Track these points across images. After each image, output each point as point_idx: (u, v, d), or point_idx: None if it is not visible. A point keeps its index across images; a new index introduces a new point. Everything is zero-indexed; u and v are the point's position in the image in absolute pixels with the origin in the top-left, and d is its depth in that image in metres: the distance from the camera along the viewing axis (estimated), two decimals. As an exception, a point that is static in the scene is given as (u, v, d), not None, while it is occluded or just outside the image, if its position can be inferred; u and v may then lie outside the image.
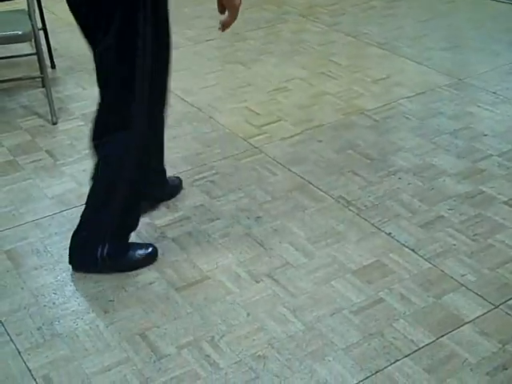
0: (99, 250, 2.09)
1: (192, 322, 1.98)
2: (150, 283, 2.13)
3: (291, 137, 2.93)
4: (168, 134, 2.93)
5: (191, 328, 1.96)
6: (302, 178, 2.64)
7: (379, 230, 2.35)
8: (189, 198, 2.54)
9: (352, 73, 3.53)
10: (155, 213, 2.46)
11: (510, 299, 2.04)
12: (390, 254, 2.23)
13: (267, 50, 3.79)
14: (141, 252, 2.21)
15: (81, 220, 2.13)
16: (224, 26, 1.95)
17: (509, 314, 1.98)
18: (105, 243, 2.09)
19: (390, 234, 2.33)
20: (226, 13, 1.94)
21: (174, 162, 2.75)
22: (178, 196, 2.55)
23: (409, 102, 3.20)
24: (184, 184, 2.62)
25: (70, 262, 2.16)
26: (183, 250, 2.28)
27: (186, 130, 3.00)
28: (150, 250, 2.22)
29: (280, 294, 2.08)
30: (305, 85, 3.40)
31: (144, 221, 2.41)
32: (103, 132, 2.01)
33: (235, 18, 1.95)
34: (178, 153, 2.82)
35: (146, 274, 2.17)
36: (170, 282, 2.14)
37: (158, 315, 2.00)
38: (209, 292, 2.10)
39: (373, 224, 2.38)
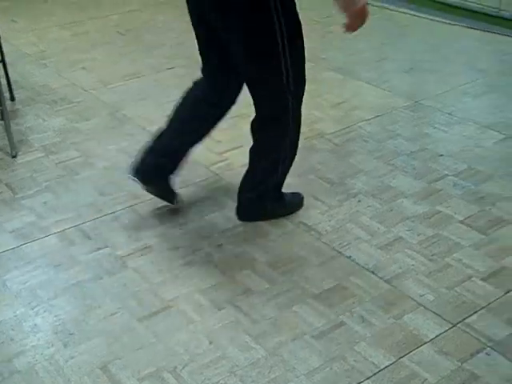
0: (268, 205, 2.54)
1: (154, 352, 1.97)
2: (112, 314, 2.12)
3: (252, 163, 2.95)
4: (129, 163, 2.95)
5: (153, 358, 1.95)
6: (262, 203, 2.67)
7: (340, 253, 2.38)
8: (151, 227, 2.55)
9: (312, 98, 3.57)
10: (116, 242, 2.46)
11: (467, 317, 2.07)
12: (351, 277, 2.26)
13: (228, 77, 3.83)
14: (294, 198, 2.63)
15: (250, 182, 2.51)
16: (346, 28, 2.11)
17: (467, 332, 2.02)
18: (270, 197, 2.53)
19: (350, 257, 2.36)
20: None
21: (134, 192, 2.75)
22: (140, 225, 2.55)
23: (367, 125, 3.25)
24: (145, 213, 2.62)
25: (240, 218, 2.55)
26: (145, 279, 2.28)
27: (148, 158, 3.01)
28: (301, 196, 2.65)
29: (242, 320, 2.09)
30: (265, 110, 3.43)
31: (105, 251, 2.41)
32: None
33: (357, 22, 2.08)
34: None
35: (108, 306, 2.16)
36: (132, 312, 2.13)
37: (119, 347, 1.99)
38: (171, 321, 2.10)
39: (333, 248, 2.40)
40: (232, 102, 2.53)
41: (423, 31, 4.47)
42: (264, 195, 2.53)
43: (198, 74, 2.51)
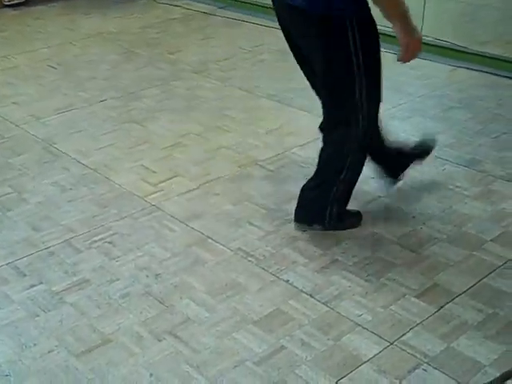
0: (328, 209, 2.58)
1: (94, 388, 1.94)
2: (49, 352, 2.08)
3: (188, 192, 2.97)
4: (64, 197, 2.94)
5: (93, 395, 1.92)
6: (200, 232, 2.68)
7: (278, 278, 2.40)
8: (87, 261, 2.52)
9: (246, 125, 3.63)
10: (52, 278, 2.41)
11: (403, 335, 2.12)
12: (290, 301, 2.28)
13: (162, 108, 3.85)
14: (353, 216, 2.70)
15: (314, 184, 2.60)
16: (400, 58, 2.32)
17: (404, 350, 2.07)
18: (332, 206, 2.58)
19: (288, 281, 2.38)
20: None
21: (70, 226, 2.72)
22: (76, 259, 2.52)
23: (301, 150, 3.31)
24: (82, 247, 2.59)
25: (296, 219, 2.65)
26: (83, 314, 2.24)
27: (82, 192, 2.98)
28: (359, 214, 2.71)
29: (183, 350, 2.08)
30: (200, 140, 3.46)
31: (41, 287, 2.37)
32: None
33: (410, 53, 2.29)
34: (74, 216, 2.79)
35: (44, 344, 2.11)
36: (69, 349, 2.09)
37: (57, 385, 1.95)
38: (111, 356, 2.07)
39: (271, 273, 2.43)
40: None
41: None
42: (325, 199, 2.58)
43: (131, 106, 2.52)
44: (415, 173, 3.06)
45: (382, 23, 2.31)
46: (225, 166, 3.19)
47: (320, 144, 2.61)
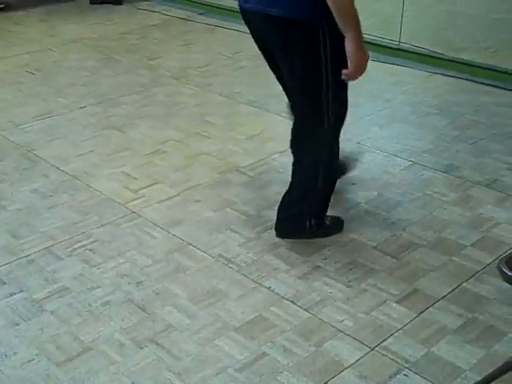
0: (307, 222, 2.62)
1: (75, 397, 1.93)
2: (29, 361, 2.07)
3: (169, 199, 2.96)
4: (44, 204, 2.92)
5: (74, 404, 1.91)
6: (181, 239, 2.67)
7: (259, 284, 2.41)
8: (67, 268, 2.50)
9: (226, 131, 3.63)
10: (32, 286, 2.40)
11: (384, 340, 2.14)
12: (271, 308, 2.29)
13: (142, 114, 3.84)
14: (334, 222, 2.72)
15: (289, 200, 2.62)
16: (347, 76, 2.30)
17: (385, 355, 2.08)
18: (311, 217, 2.62)
19: (269, 287, 2.39)
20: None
21: (50, 233, 2.70)
22: (56, 267, 2.50)
23: (281, 157, 3.32)
24: (62, 254, 2.58)
25: (278, 234, 2.66)
26: (63, 322, 2.23)
27: (63, 199, 2.96)
28: (340, 220, 2.74)
29: (164, 358, 2.08)
30: (181, 146, 3.46)
31: (21, 296, 2.35)
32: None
33: (358, 71, 2.27)
34: (54, 223, 2.77)
35: (25, 353, 2.10)
36: (50, 357, 2.08)
37: (38, 394, 1.94)
38: (91, 364, 2.06)
39: (253, 279, 2.43)
40: None
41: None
42: (303, 214, 2.62)
43: (111, 112, 2.51)
44: (393, 179, 3.10)
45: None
46: (205, 172, 3.19)
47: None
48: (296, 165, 2.61)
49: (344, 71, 2.29)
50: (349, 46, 2.23)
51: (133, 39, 5.17)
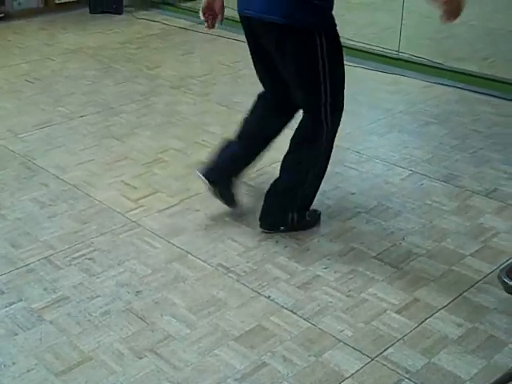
0: (290, 215, 2.70)
1: (74, 407, 1.92)
2: (28, 371, 2.06)
3: (168, 208, 2.96)
4: (43, 213, 2.91)
5: (73, 414, 1.90)
6: (180, 248, 2.67)
7: (259, 294, 2.40)
8: (67, 278, 2.50)
9: (226, 141, 3.63)
10: (31, 295, 2.39)
11: (384, 350, 2.13)
12: (271, 317, 2.28)
13: (142, 123, 3.84)
14: (311, 215, 2.79)
15: (275, 191, 2.71)
16: (445, 18, 2.31)
17: (385, 365, 2.07)
18: (294, 211, 2.70)
19: (269, 297, 2.39)
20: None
21: (49, 242, 2.70)
22: (56, 276, 2.50)
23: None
24: (62, 263, 2.57)
25: (261, 225, 2.74)
26: (62, 331, 2.22)
27: (62, 208, 2.96)
28: (318, 213, 2.82)
29: (164, 368, 2.07)
30: (180, 155, 3.46)
31: (20, 305, 2.34)
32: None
33: (454, 5, 2.25)
34: (53, 232, 2.77)
35: (23, 363, 2.09)
36: (49, 367, 2.07)
37: (37, 404, 1.93)
38: (91, 374, 2.05)
39: (252, 289, 2.43)
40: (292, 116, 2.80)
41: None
42: (287, 207, 2.71)
43: (111, 121, 2.51)
44: (393, 188, 3.10)
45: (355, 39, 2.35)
46: (205, 181, 3.19)
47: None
48: (288, 155, 2.71)
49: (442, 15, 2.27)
50: None
51: (132, 48, 5.18)
